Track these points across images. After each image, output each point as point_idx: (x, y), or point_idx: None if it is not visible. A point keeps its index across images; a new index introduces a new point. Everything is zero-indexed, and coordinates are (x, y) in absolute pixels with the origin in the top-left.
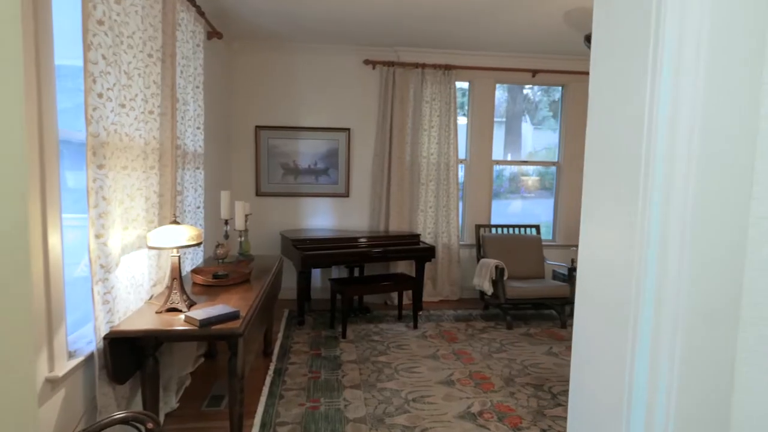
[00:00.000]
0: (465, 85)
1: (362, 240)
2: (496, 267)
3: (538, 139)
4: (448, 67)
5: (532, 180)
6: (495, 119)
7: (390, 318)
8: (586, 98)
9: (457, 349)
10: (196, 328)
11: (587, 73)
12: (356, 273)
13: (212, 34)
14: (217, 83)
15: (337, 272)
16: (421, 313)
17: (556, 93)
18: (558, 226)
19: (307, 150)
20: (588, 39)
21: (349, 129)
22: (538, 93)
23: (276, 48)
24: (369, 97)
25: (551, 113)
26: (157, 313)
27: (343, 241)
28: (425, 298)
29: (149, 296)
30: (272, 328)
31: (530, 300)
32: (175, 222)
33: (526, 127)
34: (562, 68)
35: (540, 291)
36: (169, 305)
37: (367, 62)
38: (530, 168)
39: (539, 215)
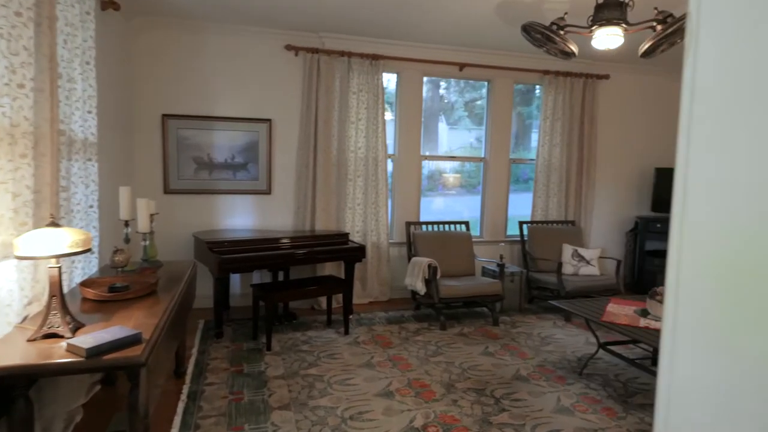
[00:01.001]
0: (389, 78)
1: (286, 241)
2: (429, 266)
3: (454, 139)
4: (375, 57)
5: (453, 177)
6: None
7: (318, 324)
8: (511, 93)
9: (392, 354)
10: (82, 359)
11: (513, 69)
12: (281, 277)
13: (107, 3)
14: (115, 62)
15: (260, 277)
16: (351, 317)
17: (471, 93)
18: (485, 221)
19: (224, 142)
20: (525, 29)
21: (270, 120)
22: (454, 93)
23: (186, 27)
24: (291, 85)
25: (466, 113)
26: (29, 341)
27: (265, 243)
28: (354, 300)
29: (21, 319)
30: (185, 344)
31: (464, 299)
32: (54, 224)
33: (442, 126)
34: (489, 63)
35: (473, 289)
36: (46, 330)
37: (289, 48)
38: (447, 165)
39: (460, 212)
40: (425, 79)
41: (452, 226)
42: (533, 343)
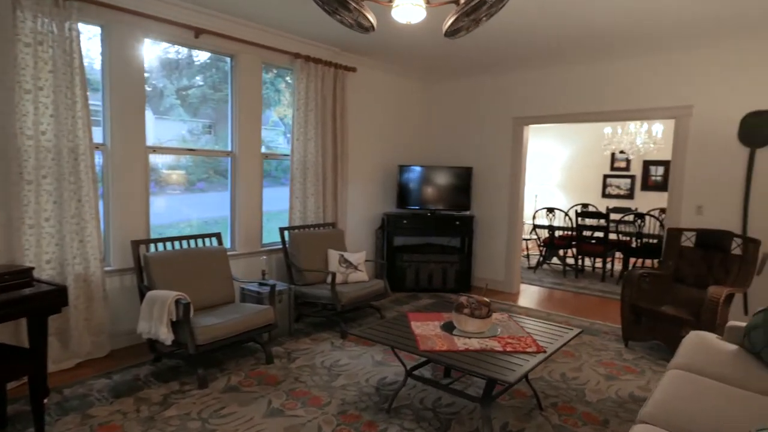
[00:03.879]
0: (90, 42)
1: None
2: (178, 302)
3: (163, 131)
4: None
5: (176, 174)
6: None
7: None
8: (259, 75)
9: None
10: None
11: (262, 46)
12: None
13: None
14: None
15: None
16: (47, 401)
17: (182, 80)
18: (237, 230)
19: None
20: None
21: None
22: (161, 78)
23: None
24: None
25: (179, 101)
26: None
27: None
28: (50, 367)
29: None
30: None
31: (231, 339)
32: None
33: (148, 116)
34: (234, 34)
35: (242, 323)
36: None
37: None
38: (159, 160)
39: (188, 214)
40: (148, 42)
41: (199, 240)
42: (322, 380)
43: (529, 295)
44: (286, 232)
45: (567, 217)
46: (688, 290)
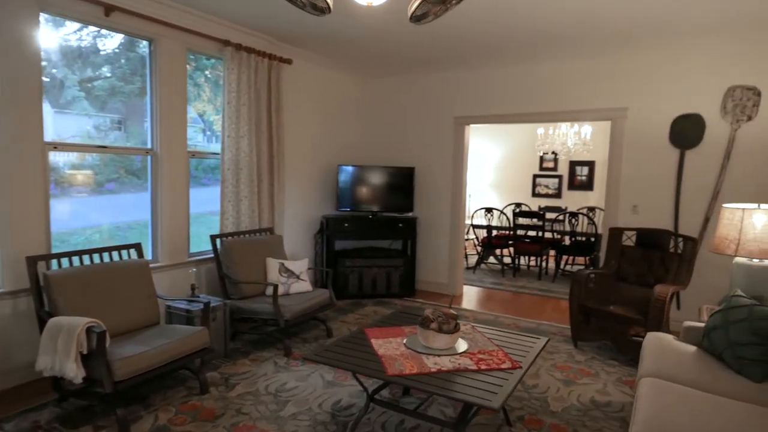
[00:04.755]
0: None
1: None
2: (90, 330)
3: (64, 126)
4: None
5: (82, 175)
6: None
7: None
8: (184, 63)
9: None
10: None
11: (186, 30)
12: None
13: None
14: None
15: None
16: None
17: (86, 70)
18: (160, 238)
19: None
20: None
21: None
22: (62, 66)
23: None
24: None
25: (83, 93)
26: None
27: None
28: None
29: None
30: None
31: (158, 370)
32: None
33: (46, 109)
34: (152, 14)
35: (171, 350)
36: None
37: None
38: (60, 159)
39: (97, 219)
40: (44, 18)
41: (114, 253)
42: (268, 410)
43: (472, 297)
44: (218, 240)
45: (503, 216)
46: (631, 289)
